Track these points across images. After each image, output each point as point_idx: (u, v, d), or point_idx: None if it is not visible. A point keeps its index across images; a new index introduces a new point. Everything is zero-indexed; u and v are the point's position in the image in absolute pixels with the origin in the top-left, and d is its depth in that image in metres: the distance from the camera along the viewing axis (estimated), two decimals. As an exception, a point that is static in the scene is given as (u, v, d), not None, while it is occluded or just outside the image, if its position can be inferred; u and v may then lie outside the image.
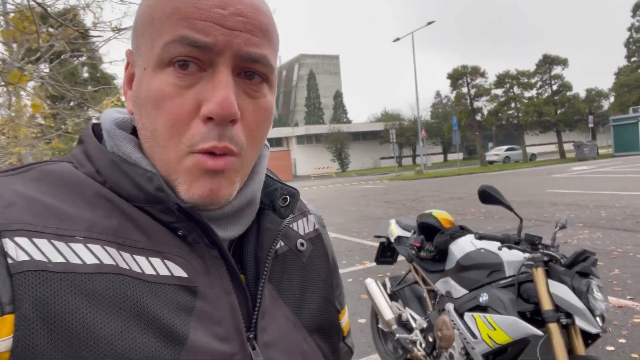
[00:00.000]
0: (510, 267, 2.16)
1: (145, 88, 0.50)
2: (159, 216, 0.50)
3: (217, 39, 0.47)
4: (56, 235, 0.44)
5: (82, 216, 0.46)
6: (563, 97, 31.60)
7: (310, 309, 0.61)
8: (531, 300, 2.01)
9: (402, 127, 41.61)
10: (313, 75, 71.17)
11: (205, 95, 0.48)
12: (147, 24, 0.50)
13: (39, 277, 0.41)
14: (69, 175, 0.50)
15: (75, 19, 4.61)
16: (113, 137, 0.54)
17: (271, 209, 0.61)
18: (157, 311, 0.46)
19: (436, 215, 2.77)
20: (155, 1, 0.50)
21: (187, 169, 0.49)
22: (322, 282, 0.65)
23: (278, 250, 0.61)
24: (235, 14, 0.48)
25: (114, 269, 0.45)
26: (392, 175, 28.96)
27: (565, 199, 10.77)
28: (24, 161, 7.72)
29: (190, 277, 0.49)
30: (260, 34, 0.50)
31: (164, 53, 0.48)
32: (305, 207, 0.72)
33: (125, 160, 0.51)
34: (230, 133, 0.49)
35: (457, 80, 31.55)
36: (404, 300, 2.96)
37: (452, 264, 2.43)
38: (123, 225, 0.48)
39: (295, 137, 43.89)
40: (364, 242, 7.57)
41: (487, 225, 8.21)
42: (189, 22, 0.47)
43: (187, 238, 0.51)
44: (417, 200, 13.28)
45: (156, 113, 0.49)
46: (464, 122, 30.97)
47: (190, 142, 0.48)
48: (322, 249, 0.69)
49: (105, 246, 0.46)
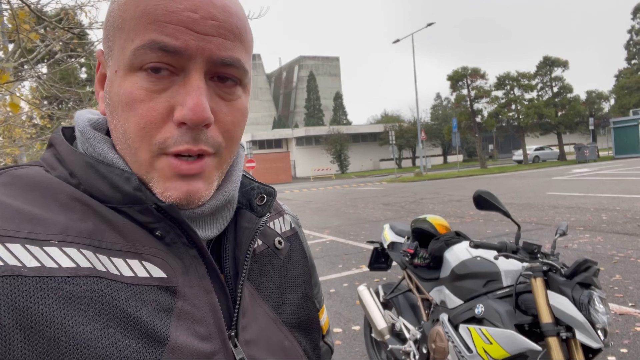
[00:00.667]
0: (507, 277, 2.05)
1: (117, 91, 0.49)
2: (136, 217, 0.50)
3: (188, 44, 0.46)
4: (30, 239, 0.43)
5: (56, 220, 0.46)
6: (563, 99, 31.53)
7: (290, 306, 0.62)
8: (529, 312, 1.90)
9: (402, 128, 41.50)
10: (313, 77, 71.09)
11: (178, 100, 0.47)
12: (117, 26, 0.49)
13: (14, 282, 0.41)
14: (40, 179, 0.49)
15: (72, 20, 4.52)
16: (88, 138, 0.53)
17: (248, 208, 0.61)
18: (137, 312, 0.45)
19: (431, 221, 2.66)
20: (124, 3, 0.49)
21: (160, 171, 0.49)
22: (301, 279, 0.66)
23: (256, 249, 0.62)
24: (206, 18, 0.47)
25: (91, 271, 0.44)
26: (391, 177, 28.85)
27: (565, 202, 10.66)
28: (19, 162, 7.63)
29: (170, 277, 0.49)
30: (233, 37, 0.49)
31: (134, 57, 0.47)
32: (280, 207, 0.73)
33: (100, 162, 0.50)
34: (205, 136, 0.49)
35: (457, 82, 31.47)
36: (398, 309, 2.85)
37: (447, 272, 2.32)
38: (99, 227, 0.48)
39: (295, 139, 43.79)
40: (360, 246, 7.45)
41: (486, 229, 8.09)
42: (158, 26, 0.46)
43: (165, 238, 0.50)
44: (416, 203, 13.16)
45: (127, 116, 0.48)
46: (464, 124, 30.87)
47: (163, 145, 0.48)
48: (299, 247, 0.69)
49: (82, 249, 0.45)
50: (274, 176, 33.04)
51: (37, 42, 4.63)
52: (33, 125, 7.71)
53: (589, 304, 1.77)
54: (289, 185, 28.59)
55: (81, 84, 15.15)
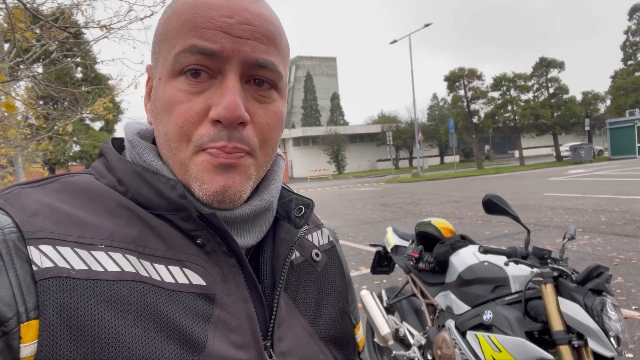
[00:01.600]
0: (516, 283, 2.00)
1: (160, 96, 0.52)
2: (179, 224, 0.51)
3: (224, 46, 0.49)
4: (79, 243, 0.45)
5: (104, 225, 0.48)
6: (559, 100, 31.59)
7: (326, 320, 0.61)
8: (539, 319, 1.86)
9: (399, 129, 41.49)
10: (310, 77, 71.02)
11: (214, 100, 0.49)
12: (162, 37, 0.53)
13: (63, 283, 0.43)
14: (90, 186, 0.52)
15: (68, 19, 4.46)
16: (135, 146, 0.56)
17: (286, 220, 0.61)
18: (176, 318, 0.46)
19: (436, 224, 2.61)
20: (169, 16, 0.53)
21: (198, 165, 0.50)
22: (338, 293, 0.66)
23: (293, 261, 0.62)
24: (242, 23, 0.50)
25: (134, 276, 0.46)
26: (388, 177, 28.83)
27: (563, 203, 10.65)
28: (14, 162, 7.55)
29: (209, 285, 0.50)
30: (267, 41, 0.51)
31: (175, 62, 0.50)
32: (319, 221, 0.74)
33: (147, 169, 0.52)
34: (240, 134, 0.50)
35: (454, 83, 31.48)
36: (401, 314, 2.80)
37: (453, 277, 2.27)
38: (143, 234, 0.49)
39: (292, 139, 43.72)
40: (360, 247, 7.41)
41: (484, 230, 8.07)
42: (197, 32, 0.49)
43: (206, 246, 0.52)
44: (414, 204, 13.13)
45: (168, 118, 0.51)
46: (460, 125, 30.89)
47: (200, 142, 0.50)
48: (337, 261, 0.69)
49: (126, 254, 0.47)
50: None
51: (33, 41, 4.57)
52: (28, 126, 7.62)
53: (602, 311, 1.73)
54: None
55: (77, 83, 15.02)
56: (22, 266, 0.43)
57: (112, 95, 7.06)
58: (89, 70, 19.40)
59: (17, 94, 6.26)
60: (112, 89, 7.29)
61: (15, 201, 0.48)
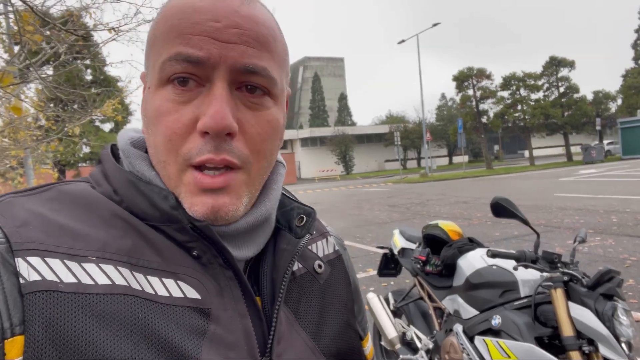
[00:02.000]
0: (525, 287, 1.97)
1: (149, 106, 0.50)
2: (174, 235, 0.49)
3: (211, 52, 0.46)
4: (69, 255, 0.44)
5: (96, 236, 0.46)
6: (570, 99, 31.27)
7: (329, 334, 0.59)
8: (549, 324, 1.82)
9: (407, 129, 41.36)
10: (318, 78, 71.06)
11: (202, 110, 0.47)
12: (151, 44, 0.51)
13: (50, 297, 0.41)
14: (85, 195, 0.50)
15: (77, 22, 4.49)
16: (128, 155, 0.54)
17: (287, 229, 0.59)
18: (169, 334, 0.45)
19: (443, 227, 2.58)
20: (157, 21, 0.51)
21: (187, 185, 0.49)
22: (342, 305, 0.63)
23: (295, 273, 0.59)
24: (229, 27, 0.47)
25: (125, 290, 0.44)
26: (396, 178, 28.74)
27: (574, 204, 10.53)
28: (25, 163, 7.62)
29: (204, 299, 0.48)
30: (259, 45, 0.49)
31: (162, 71, 0.48)
32: (324, 229, 0.70)
33: (140, 179, 0.51)
34: (229, 146, 0.48)
35: (462, 83, 31.31)
36: (409, 317, 2.77)
37: (461, 281, 2.24)
38: (137, 245, 0.48)
39: (300, 140, 43.75)
40: (367, 249, 7.38)
41: (494, 231, 7.99)
42: (183, 39, 0.47)
43: (202, 258, 0.50)
44: (422, 205, 13.06)
45: (156, 129, 0.49)
46: (469, 125, 30.71)
47: (187, 156, 0.48)
48: (342, 272, 0.66)
49: (118, 266, 0.45)
50: (279, 177, 32.96)
51: (43, 44, 4.60)
52: (38, 128, 7.69)
53: (613, 316, 1.69)
54: (294, 187, 28.54)
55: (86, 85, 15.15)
56: (9, 279, 0.41)
57: (121, 97, 7.11)
58: (98, 72, 19.56)
59: (26, 96, 6.33)
60: (121, 91, 7.34)
61: (6, 210, 0.46)
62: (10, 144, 7.13)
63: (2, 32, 4.49)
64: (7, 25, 4.57)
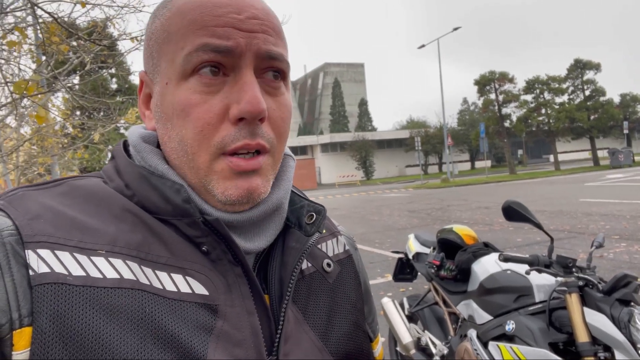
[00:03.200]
0: (540, 292, 1.94)
1: (171, 101, 0.50)
2: (184, 230, 0.50)
3: (238, 42, 0.48)
4: (78, 248, 0.44)
5: (106, 230, 0.47)
6: (596, 102, 30.54)
7: (338, 334, 0.58)
8: (564, 330, 1.79)
9: (428, 134, 41.01)
10: (338, 84, 71.17)
11: (232, 98, 0.48)
12: (163, 41, 0.51)
13: (58, 289, 0.41)
14: (96, 189, 0.51)
15: (102, 32, 4.64)
16: (139, 150, 0.54)
17: (297, 227, 0.59)
18: (176, 329, 0.45)
19: (457, 231, 2.57)
20: (168, 18, 0.51)
21: (220, 172, 0.49)
22: (351, 306, 0.62)
23: (305, 271, 0.59)
24: (250, 17, 0.50)
25: (133, 284, 0.45)
26: (417, 183, 28.50)
27: (599, 209, 10.26)
28: (52, 171, 7.86)
29: (212, 295, 0.48)
30: (275, 34, 0.51)
31: (186, 63, 0.48)
32: (335, 228, 0.70)
33: (153, 173, 0.51)
34: (261, 131, 0.49)
35: (484, 87, 30.91)
36: (424, 323, 2.76)
37: (475, 286, 2.22)
38: (147, 239, 0.48)
39: (320, 145, 43.83)
40: (386, 254, 7.34)
41: (516, 237, 7.86)
42: (208, 31, 0.48)
43: (211, 254, 0.50)
44: (443, 210, 12.92)
45: (183, 122, 0.49)
46: (491, 129, 30.27)
47: (221, 144, 0.48)
48: (352, 272, 0.66)
49: (127, 260, 0.46)
50: (299, 183, 33.11)
51: (69, 54, 4.77)
52: (64, 135, 7.93)
53: (629, 322, 1.65)
54: (314, 192, 28.59)
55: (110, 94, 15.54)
56: (19, 270, 0.42)
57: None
58: (123, 81, 20.05)
59: (53, 104, 6.55)
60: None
61: (18, 203, 0.47)
62: (39, 152, 7.37)
63: (30, 43, 4.66)
64: (35, 36, 4.74)
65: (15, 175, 6.50)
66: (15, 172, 6.38)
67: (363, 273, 0.69)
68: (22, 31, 2.76)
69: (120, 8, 4.34)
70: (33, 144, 7.18)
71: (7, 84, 2.89)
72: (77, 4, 3.97)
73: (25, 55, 4.99)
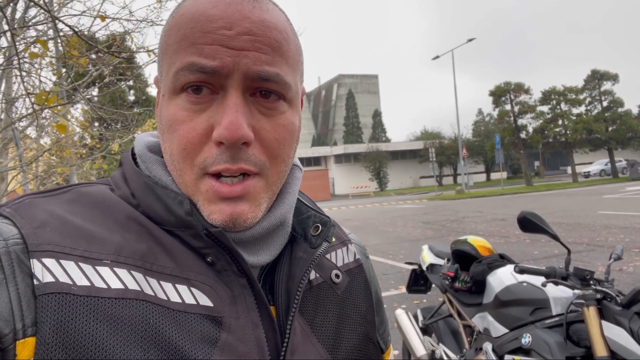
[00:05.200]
0: (557, 305, 1.91)
1: (163, 114, 0.50)
2: (189, 241, 0.49)
3: (224, 62, 0.46)
4: (83, 257, 0.44)
5: (112, 239, 0.46)
6: (614, 113, 30.10)
7: (347, 347, 0.57)
8: (582, 344, 1.75)
9: (442, 145, 40.79)
10: (352, 95, 71.39)
11: (216, 119, 0.47)
12: (163, 52, 0.51)
13: (62, 299, 0.41)
14: (103, 197, 0.51)
15: (120, 45, 4.75)
16: (144, 160, 0.55)
17: (303, 238, 0.58)
18: (180, 341, 0.44)
19: (472, 242, 2.54)
20: (169, 28, 0.50)
21: (205, 193, 0.49)
22: (361, 317, 0.61)
23: (312, 282, 0.58)
24: (241, 33, 0.47)
25: (138, 294, 0.44)
26: (431, 194, 28.28)
27: (618, 222, 10.05)
28: (70, 181, 8.01)
29: (216, 307, 0.48)
30: (271, 51, 0.48)
31: (175, 80, 0.48)
32: (345, 236, 0.68)
33: (157, 183, 0.51)
34: (245, 154, 0.48)
35: (499, 98, 30.70)
36: (438, 335, 2.72)
37: (490, 298, 2.19)
38: (152, 249, 0.48)
39: (334, 157, 43.88)
40: (399, 266, 7.28)
41: (533, 249, 7.73)
42: (196, 48, 0.47)
43: (216, 265, 0.49)
44: (458, 222, 12.79)
45: (171, 137, 0.49)
46: (507, 140, 29.97)
47: (203, 165, 0.48)
48: (362, 282, 0.64)
49: (132, 271, 0.45)
50: (313, 194, 33.12)
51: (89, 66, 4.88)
52: (83, 146, 8.08)
53: (649, 337, 1.61)
54: (328, 203, 28.54)
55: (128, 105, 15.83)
56: (23, 280, 0.41)
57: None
58: (140, 93, 20.41)
59: (72, 116, 6.69)
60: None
61: (24, 211, 0.47)
62: (57, 162, 7.51)
63: (51, 55, 4.79)
64: (55, 49, 4.87)
65: (34, 185, 6.63)
66: (35, 182, 6.51)
67: (374, 282, 0.68)
68: (44, 43, 2.83)
69: (139, 22, 4.44)
70: (52, 154, 7.33)
71: (28, 95, 2.96)
72: (96, 17, 4.08)
73: (45, 67, 5.12)
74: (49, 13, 2.70)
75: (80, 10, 4.05)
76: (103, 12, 3.97)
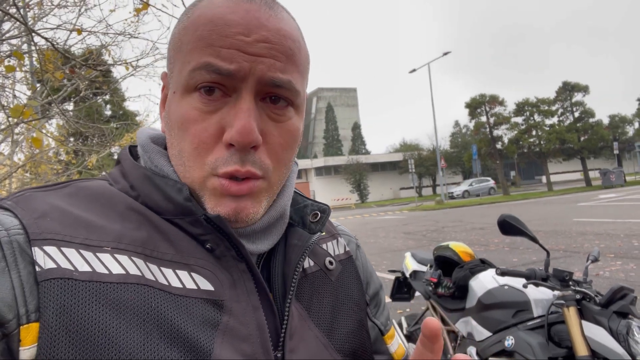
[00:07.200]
0: (538, 306, 1.95)
1: (174, 111, 0.51)
2: (188, 228, 0.50)
3: (241, 66, 0.48)
4: (84, 245, 0.45)
5: (112, 228, 0.47)
6: (586, 123, 31.01)
7: (343, 332, 0.58)
8: (563, 344, 1.79)
9: (421, 157, 41.32)
10: (331, 108, 71.93)
11: (228, 121, 0.49)
12: (177, 49, 0.52)
13: (64, 285, 0.42)
14: (102, 190, 0.52)
15: (97, 59, 4.70)
16: (147, 150, 0.56)
17: (301, 226, 0.60)
18: (182, 324, 0.45)
19: (454, 248, 2.57)
20: (184, 28, 0.52)
21: (212, 190, 0.50)
22: (354, 304, 0.62)
23: (307, 270, 0.59)
24: (259, 41, 0.49)
25: (139, 279, 0.45)
26: (412, 205, 28.53)
27: (594, 228, 10.31)
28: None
29: (217, 291, 0.49)
30: (285, 59, 0.50)
31: (190, 79, 0.49)
32: (335, 230, 0.70)
33: (156, 173, 0.53)
34: (253, 158, 0.49)
35: (475, 109, 31.34)
36: (422, 342, 2.73)
37: (473, 302, 2.22)
38: (152, 237, 0.49)
39: (314, 169, 43.95)
40: (383, 276, 7.28)
41: (512, 257, 7.85)
42: (214, 50, 0.48)
43: (215, 251, 0.50)
44: (438, 231, 12.92)
45: (183, 135, 0.50)
46: (484, 151, 30.57)
47: (213, 165, 0.49)
48: (353, 272, 0.66)
49: (133, 257, 0.46)
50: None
51: (64, 81, 4.81)
52: (59, 162, 7.91)
53: (628, 335, 1.65)
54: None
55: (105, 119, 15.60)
56: (25, 267, 0.42)
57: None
58: (118, 107, 20.15)
59: (47, 131, 6.56)
60: (139, 124, 7.55)
61: (25, 203, 0.48)
62: (32, 178, 7.33)
63: (26, 69, 4.71)
64: (30, 63, 4.79)
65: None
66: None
67: (367, 269, 0.69)
68: (21, 55, 2.79)
69: (116, 35, 4.41)
70: (26, 170, 7.16)
71: (3, 108, 2.90)
72: (73, 31, 4.04)
73: (19, 82, 5.03)
74: (25, 26, 2.66)
75: (56, 24, 4.01)
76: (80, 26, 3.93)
